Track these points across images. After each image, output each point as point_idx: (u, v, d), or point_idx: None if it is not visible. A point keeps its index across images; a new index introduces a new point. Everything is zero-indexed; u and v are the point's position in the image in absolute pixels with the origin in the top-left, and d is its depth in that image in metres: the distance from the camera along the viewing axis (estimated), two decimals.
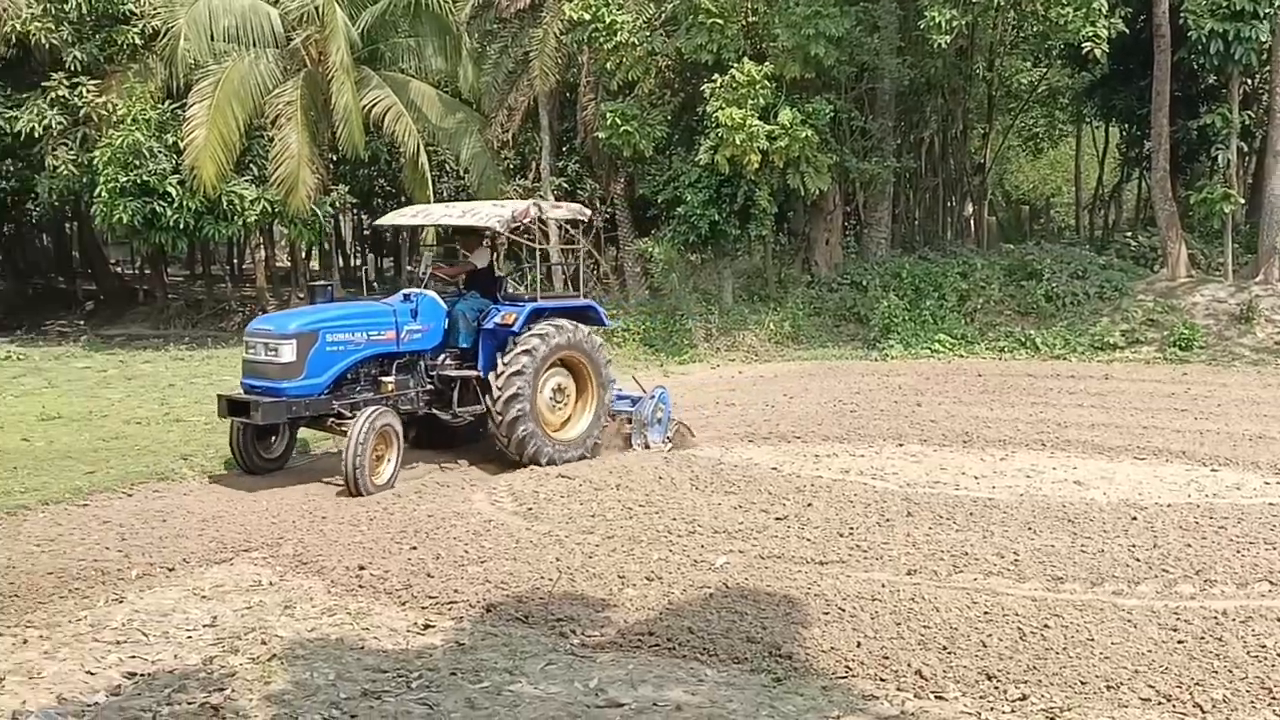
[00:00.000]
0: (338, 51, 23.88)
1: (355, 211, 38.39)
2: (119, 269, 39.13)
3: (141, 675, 6.39)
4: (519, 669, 6.57)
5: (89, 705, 5.95)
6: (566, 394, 12.68)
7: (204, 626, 7.22)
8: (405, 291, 12.53)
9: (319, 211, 25.27)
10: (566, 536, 9.37)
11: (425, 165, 26.19)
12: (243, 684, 6.27)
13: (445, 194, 31.06)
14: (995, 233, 35.16)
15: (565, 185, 29.12)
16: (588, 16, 24.36)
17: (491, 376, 12.01)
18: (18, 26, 24.06)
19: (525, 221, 12.47)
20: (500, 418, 11.87)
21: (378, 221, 15.70)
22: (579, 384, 12.80)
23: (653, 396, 13.45)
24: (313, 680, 6.33)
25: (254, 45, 24.49)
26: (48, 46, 24.56)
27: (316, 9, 24.19)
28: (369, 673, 6.48)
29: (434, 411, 12.34)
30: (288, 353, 11.00)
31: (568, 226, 14.12)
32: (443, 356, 12.53)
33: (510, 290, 13.55)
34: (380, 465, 11.26)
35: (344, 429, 11.21)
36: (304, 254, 30.79)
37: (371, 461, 11.03)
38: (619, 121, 24.86)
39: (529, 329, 12.19)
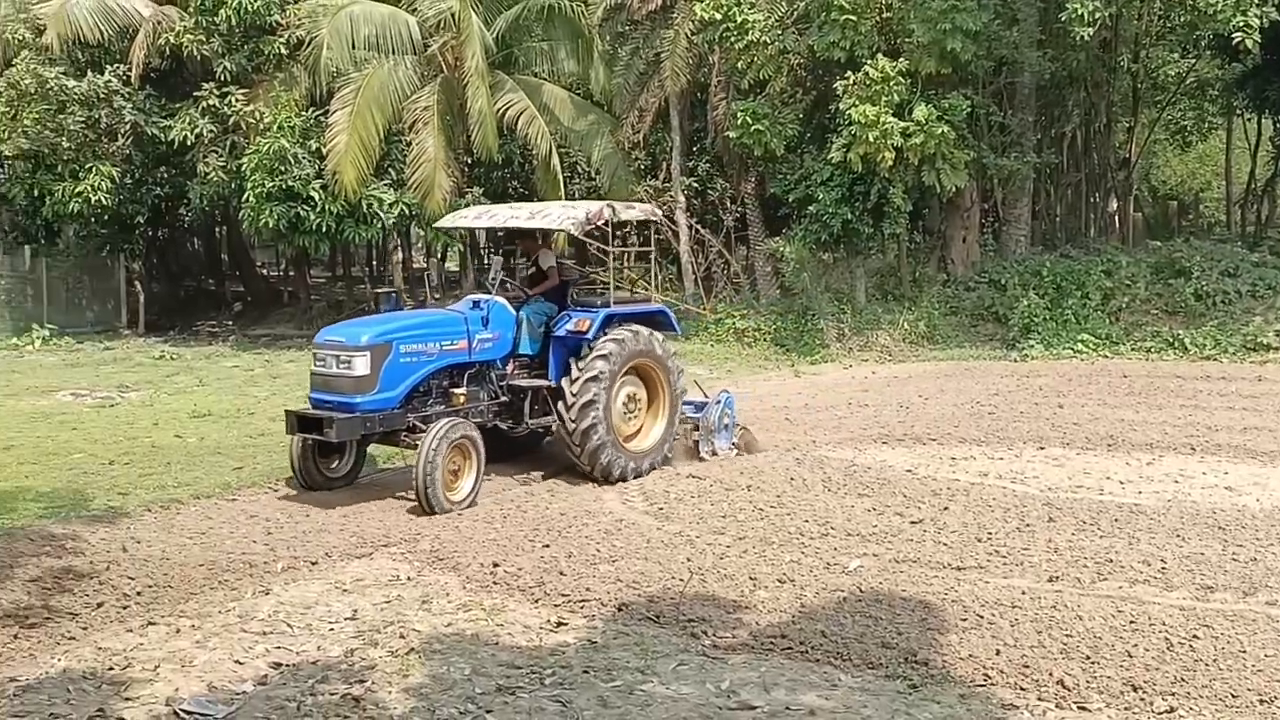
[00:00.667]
0: (473, 57, 24.28)
1: None
2: (265, 271, 40.44)
3: (286, 666, 6.58)
4: (651, 668, 6.58)
5: (238, 694, 6.15)
6: (639, 403, 12.15)
7: (345, 619, 7.40)
8: (473, 298, 12.00)
9: None
10: (697, 537, 9.36)
11: (557, 167, 26.46)
12: (382, 676, 6.41)
13: (577, 195, 31.32)
14: (1141, 229, 33.98)
15: (695, 185, 29.12)
16: (719, 16, 24.33)
17: (565, 384, 11.49)
18: (171, 39, 25.06)
19: (599, 224, 11.93)
20: (574, 427, 11.32)
21: (438, 223, 14.82)
22: (650, 393, 12.27)
23: (718, 401, 12.99)
24: (449, 674, 6.44)
25: (393, 52, 25.08)
26: (199, 58, 25.52)
27: (453, 15, 24.64)
28: (504, 668, 6.56)
29: (498, 423, 11.81)
30: (361, 365, 10.51)
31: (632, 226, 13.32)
32: (511, 365, 12.01)
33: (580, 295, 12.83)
34: (457, 480, 10.71)
35: (416, 444, 10.59)
36: (439, 255, 31.41)
37: (445, 476, 10.47)
38: (750, 120, 24.76)
39: (603, 335, 11.68)
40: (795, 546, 9.04)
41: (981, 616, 7.30)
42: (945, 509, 10.11)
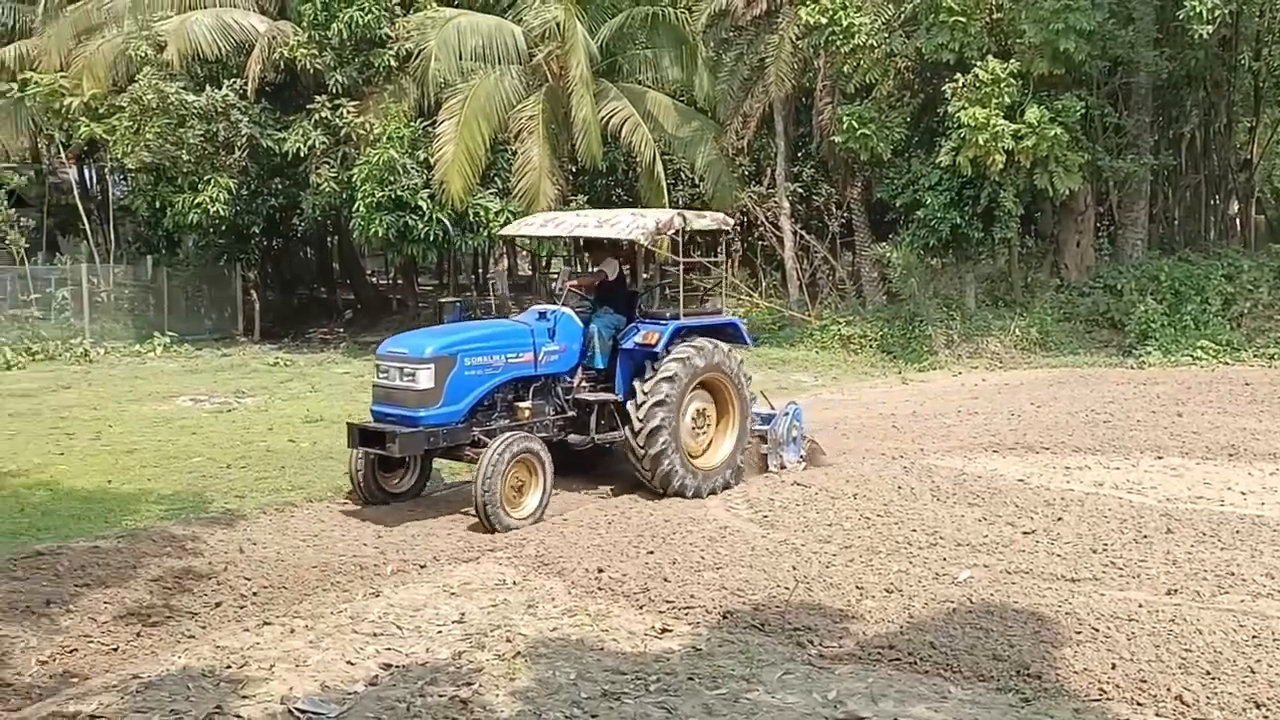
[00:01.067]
0: (577, 65, 24.46)
1: None
2: (374, 279, 41.22)
3: (396, 667, 6.68)
4: (756, 677, 6.53)
5: (349, 694, 6.26)
6: (707, 418, 11.78)
7: (453, 622, 7.49)
8: (540, 309, 11.69)
9: None
10: (803, 545, 9.27)
11: (661, 174, 26.52)
12: (489, 679, 6.47)
13: (680, 201, 31.34)
14: (1264, 232, 32.74)
15: (800, 190, 28.96)
16: (824, 20, 24.16)
17: (631, 407, 11.14)
18: (285, 54, 25.71)
19: (669, 233, 11.53)
20: (643, 450, 11.04)
21: (502, 230, 14.43)
22: (720, 407, 11.90)
23: (786, 413, 12.66)
24: (555, 679, 6.47)
25: (499, 63, 25.38)
26: (312, 71, 26.12)
27: (558, 25, 24.87)
28: (608, 674, 6.58)
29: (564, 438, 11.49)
30: (425, 378, 10.26)
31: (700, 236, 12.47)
32: (578, 378, 11.68)
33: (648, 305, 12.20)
34: (522, 496, 10.42)
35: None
36: (544, 263, 31.64)
37: (507, 492, 10.19)
38: (856, 124, 24.54)
39: (670, 350, 11.36)
40: (903, 556, 8.91)
41: (1097, 630, 7.10)
42: (1059, 519, 9.87)
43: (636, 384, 11.25)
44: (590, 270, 12.58)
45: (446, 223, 24.30)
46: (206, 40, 25.45)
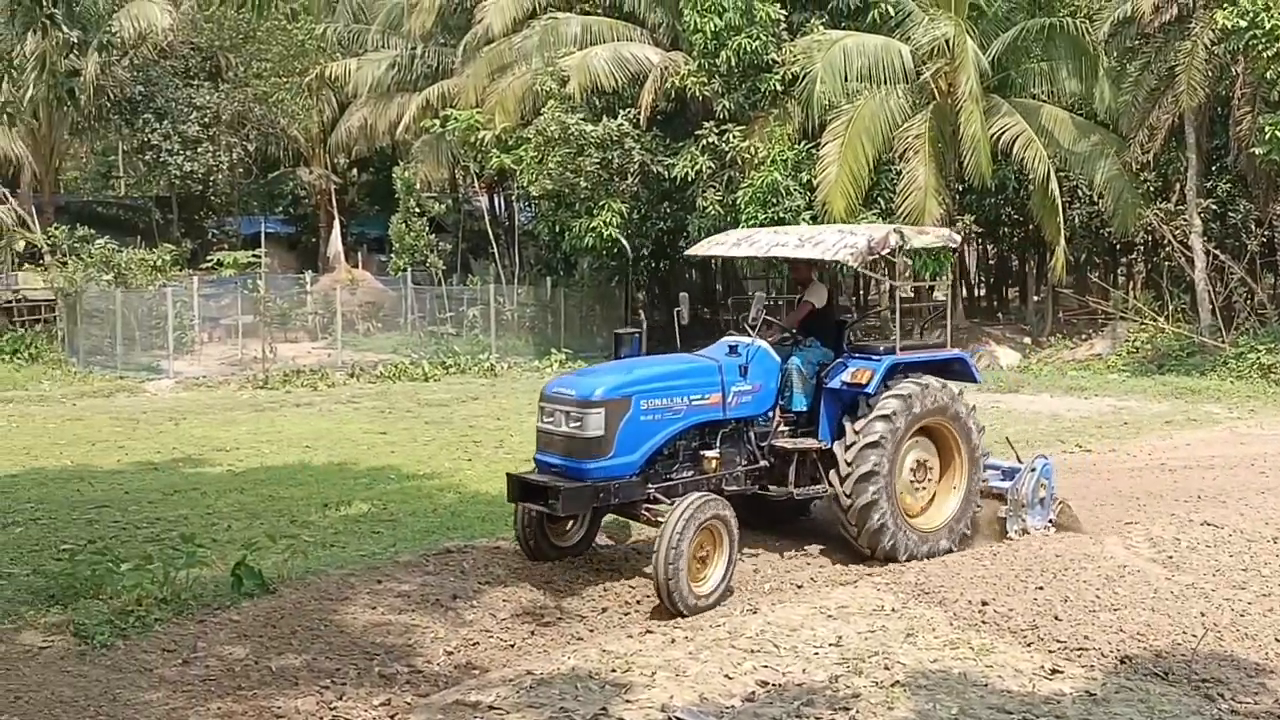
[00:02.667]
0: (967, 82, 23.90)
1: (979, 241, 38.05)
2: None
3: (773, 685, 6.67)
4: None
5: (727, 708, 6.32)
6: (930, 471, 10.09)
7: (829, 645, 7.40)
8: (730, 341, 9.93)
9: None
10: (1213, 590, 8.48)
11: (1055, 191, 25.38)
12: (866, 706, 6.33)
13: (1076, 220, 29.81)
14: None
15: (1214, 207, 26.80)
16: (1244, 23, 22.24)
17: (839, 448, 9.63)
18: (676, 83, 26.73)
19: (883, 253, 10.09)
20: (850, 501, 9.52)
21: (690, 250, 12.91)
22: (943, 458, 10.19)
23: (1032, 469, 10.62)
24: (935, 712, 6.24)
25: (884, 83, 25.22)
26: (700, 99, 27.02)
27: (947, 42, 24.39)
28: (992, 711, 6.26)
29: (759, 490, 9.96)
30: (594, 424, 8.73)
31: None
32: (775, 423, 10.03)
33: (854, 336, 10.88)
34: (705, 569, 8.71)
35: (657, 519, 8.90)
36: (927, 281, 31.02)
37: (692, 564, 8.52)
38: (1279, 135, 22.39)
39: (885, 388, 9.75)
40: None
41: None
42: None
43: (846, 423, 9.75)
44: (794, 299, 11.02)
45: None
46: (604, 73, 26.96)
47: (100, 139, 41.15)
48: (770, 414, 9.96)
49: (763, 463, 9.91)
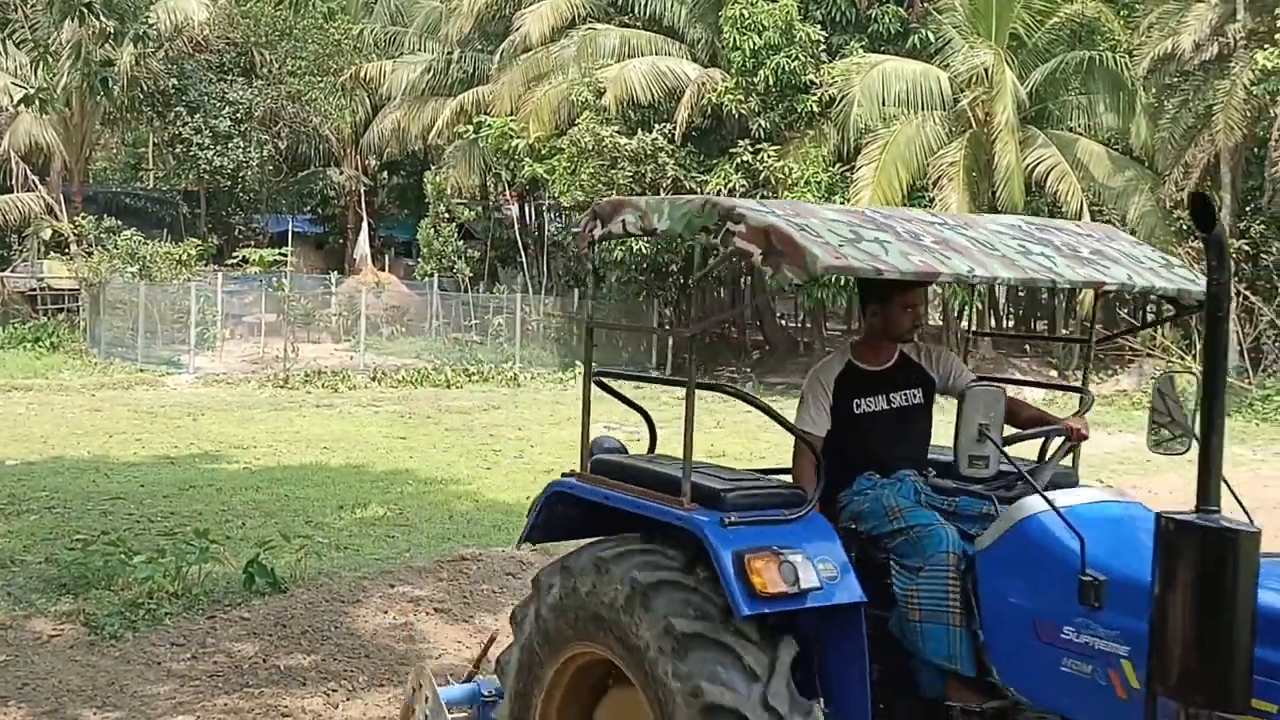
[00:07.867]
0: (1004, 111, 23.76)
1: None
2: (783, 321, 41.73)
3: None
4: None
5: None
6: None
7: None
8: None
9: None
10: None
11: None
12: None
13: None
14: None
15: (1246, 248, 26.50)
16: None
17: None
18: (713, 99, 26.67)
19: None
20: None
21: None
22: None
23: None
24: None
25: (921, 109, 25.10)
26: (737, 116, 26.96)
27: (986, 71, 24.27)
28: None
29: None
30: None
31: None
32: None
33: None
34: None
35: None
36: (956, 313, 30.79)
37: None
38: None
39: None
40: None
41: None
42: None
43: None
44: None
45: None
46: (641, 86, 26.92)
47: (131, 130, 41.35)
48: None
49: None
